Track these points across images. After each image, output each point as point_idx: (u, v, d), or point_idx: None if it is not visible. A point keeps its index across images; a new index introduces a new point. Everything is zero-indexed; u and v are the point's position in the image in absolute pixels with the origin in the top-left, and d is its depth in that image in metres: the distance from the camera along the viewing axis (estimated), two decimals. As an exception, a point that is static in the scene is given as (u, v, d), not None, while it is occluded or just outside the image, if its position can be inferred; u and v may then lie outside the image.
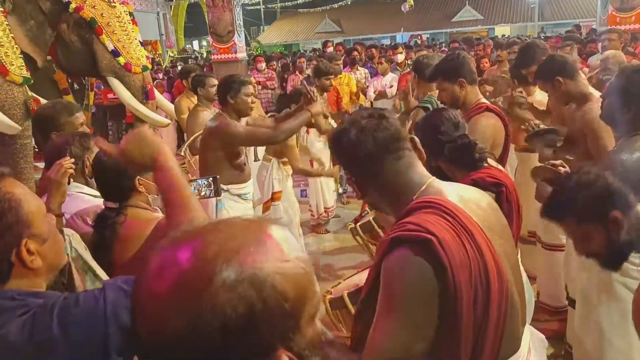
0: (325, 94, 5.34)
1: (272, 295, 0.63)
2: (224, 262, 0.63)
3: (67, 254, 1.59)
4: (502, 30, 27.22)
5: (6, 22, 3.81)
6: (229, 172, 3.42)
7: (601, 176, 1.72)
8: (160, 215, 2.10)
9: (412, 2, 22.63)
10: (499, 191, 1.96)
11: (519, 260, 1.62)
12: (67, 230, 1.68)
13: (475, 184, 1.88)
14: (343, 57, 7.66)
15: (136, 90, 4.38)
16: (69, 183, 1.94)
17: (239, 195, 3.55)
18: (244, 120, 3.66)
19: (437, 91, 2.99)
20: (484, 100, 2.80)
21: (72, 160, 1.97)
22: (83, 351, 1.05)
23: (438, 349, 1.22)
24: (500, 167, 2.17)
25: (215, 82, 4.69)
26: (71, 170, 1.94)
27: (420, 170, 1.40)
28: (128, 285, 1.11)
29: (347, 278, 2.12)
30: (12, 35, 3.83)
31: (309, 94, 3.45)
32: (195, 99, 5.03)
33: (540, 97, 3.85)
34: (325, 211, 5.56)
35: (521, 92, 3.59)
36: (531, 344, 1.50)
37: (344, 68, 7.06)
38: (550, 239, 3.44)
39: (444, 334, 1.21)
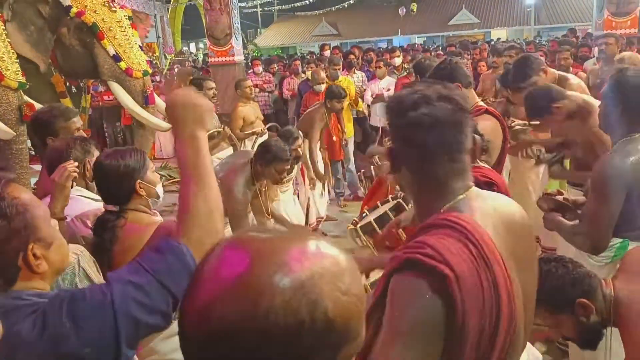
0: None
1: (322, 320, 0.63)
2: (288, 272, 0.63)
3: (75, 274, 1.60)
4: (498, 34, 27.33)
5: (2, 27, 3.82)
6: None
7: (561, 264, 1.78)
8: (159, 219, 2.11)
9: (415, 8, 22.67)
10: (491, 190, 1.97)
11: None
12: (75, 248, 1.66)
13: None
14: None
15: (137, 95, 4.40)
16: (72, 187, 1.95)
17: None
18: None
19: None
20: (481, 103, 2.83)
21: (76, 164, 1.98)
22: (95, 343, 1.07)
23: None
24: (488, 166, 2.22)
25: (213, 84, 4.72)
26: (75, 174, 1.95)
27: (466, 179, 1.29)
28: (136, 277, 1.12)
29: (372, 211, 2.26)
30: (8, 40, 3.84)
31: None
32: None
33: None
34: (316, 222, 5.47)
35: (514, 121, 3.65)
36: None
37: (341, 71, 7.07)
38: (549, 242, 3.46)
39: None
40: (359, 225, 2.11)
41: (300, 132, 4.56)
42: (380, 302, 1.21)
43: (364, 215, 2.33)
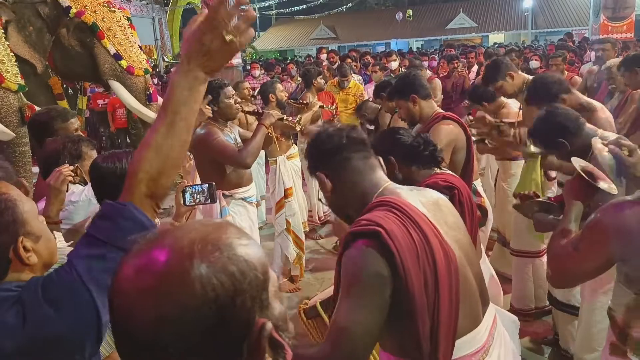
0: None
1: (247, 268, 0.70)
2: (202, 247, 0.69)
3: None
4: (496, 38, 27.43)
5: (1, 31, 3.84)
6: (228, 177, 3.43)
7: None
8: (156, 220, 2.11)
9: (411, 14, 22.81)
10: (452, 194, 2.09)
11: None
12: None
13: (429, 188, 1.99)
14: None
15: (139, 93, 4.40)
16: (67, 190, 1.95)
17: (243, 199, 3.56)
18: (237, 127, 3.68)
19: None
20: (440, 110, 2.95)
21: (71, 167, 1.98)
22: (77, 321, 1.10)
23: (398, 331, 1.39)
24: (452, 173, 2.27)
25: (247, 85, 4.72)
26: (70, 178, 1.95)
27: (379, 174, 1.59)
28: (94, 250, 1.11)
29: (324, 290, 2.16)
30: (7, 43, 3.85)
31: (258, 112, 3.60)
32: None
33: (512, 106, 3.89)
34: (319, 217, 5.59)
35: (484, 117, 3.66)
36: (500, 322, 1.65)
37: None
38: (517, 245, 3.51)
39: (401, 317, 1.36)
40: (302, 310, 2.05)
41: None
42: (339, 287, 1.41)
43: (312, 297, 2.25)
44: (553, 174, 3.40)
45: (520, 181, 3.12)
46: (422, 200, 1.54)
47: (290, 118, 3.61)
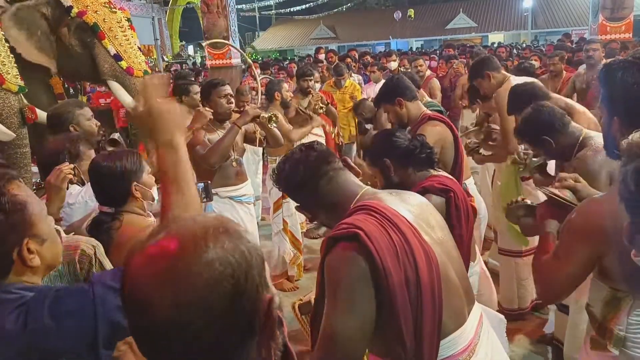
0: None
1: (252, 248, 0.76)
2: (214, 230, 0.75)
3: (93, 265, 1.63)
4: (496, 38, 27.43)
5: (1, 32, 3.85)
6: (216, 175, 3.45)
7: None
8: (154, 220, 2.13)
9: (412, 14, 22.81)
10: (448, 197, 2.10)
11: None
12: (92, 241, 1.69)
13: (425, 190, 2.06)
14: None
15: (137, 94, 4.41)
16: (67, 188, 1.97)
17: (230, 198, 3.56)
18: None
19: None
20: (427, 111, 2.96)
21: (71, 166, 2.00)
22: (74, 340, 1.12)
23: (383, 332, 1.39)
24: (447, 175, 2.28)
25: (198, 89, 4.72)
26: (70, 176, 1.97)
27: (353, 183, 1.64)
28: (118, 283, 1.14)
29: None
30: (7, 45, 3.87)
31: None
32: None
33: None
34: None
35: (489, 126, 3.68)
36: (487, 321, 1.67)
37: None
38: (502, 243, 3.54)
39: (385, 317, 1.37)
40: (297, 305, 2.08)
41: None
42: (322, 286, 1.44)
43: (305, 294, 2.28)
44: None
45: (504, 186, 3.13)
46: (402, 204, 1.57)
47: (263, 113, 3.48)
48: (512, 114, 3.01)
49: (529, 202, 2.15)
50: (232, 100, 3.52)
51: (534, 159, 2.88)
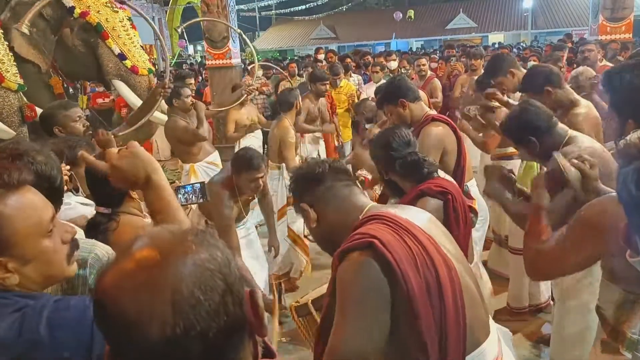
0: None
1: (223, 245, 0.77)
2: (191, 234, 0.75)
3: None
4: (496, 38, 27.41)
5: (0, 30, 3.85)
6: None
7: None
8: (146, 220, 2.11)
9: (413, 15, 22.79)
10: (446, 199, 2.08)
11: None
12: (105, 247, 1.64)
13: (422, 193, 2.06)
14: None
15: (143, 92, 4.43)
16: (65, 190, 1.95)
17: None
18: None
19: None
20: (430, 112, 2.96)
21: (68, 167, 1.98)
22: (67, 354, 1.09)
23: (404, 344, 1.31)
24: (449, 177, 2.30)
25: (189, 92, 4.70)
26: (67, 177, 1.96)
27: (362, 198, 1.60)
28: None
29: (315, 289, 2.16)
30: (7, 43, 3.87)
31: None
32: None
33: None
34: None
35: (494, 93, 3.63)
36: (501, 333, 1.61)
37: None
38: (515, 242, 3.51)
39: (406, 329, 1.29)
40: (294, 307, 2.05)
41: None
42: (332, 298, 1.35)
43: (301, 297, 2.25)
44: None
45: (520, 180, 3.13)
46: (404, 212, 1.53)
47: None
48: (524, 93, 3.04)
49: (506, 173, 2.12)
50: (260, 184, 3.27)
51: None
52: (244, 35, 7.43)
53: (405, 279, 1.27)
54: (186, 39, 18.02)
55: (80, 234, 1.52)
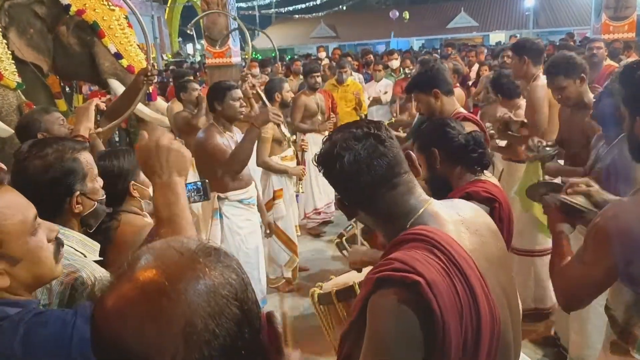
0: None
1: (239, 265, 0.71)
2: (201, 252, 0.68)
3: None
4: (497, 37, 27.40)
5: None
6: (225, 178, 3.38)
7: None
8: (152, 220, 2.09)
9: (407, 16, 22.80)
10: (492, 207, 1.93)
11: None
12: (95, 270, 1.61)
13: (469, 196, 1.87)
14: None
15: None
16: None
17: (240, 201, 3.50)
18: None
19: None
20: (461, 109, 2.81)
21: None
22: None
23: None
24: (496, 181, 2.13)
25: (197, 87, 4.70)
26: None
27: (417, 194, 1.30)
28: None
29: (340, 276, 2.12)
30: (5, 42, 3.85)
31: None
32: None
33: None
34: (314, 212, 5.53)
35: (510, 115, 3.64)
36: None
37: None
38: (520, 244, 3.49)
39: None
40: (344, 238, 2.03)
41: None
42: (354, 327, 1.19)
43: (348, 228, 2.22)
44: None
45: (522, 183, 3.10)
46: (464, 225, 1.29)
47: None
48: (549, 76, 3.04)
49: (552, 180, 2.07)
50: (245, 104, 3.48)
51: (547, 149, 2.85)
52: (244, 28, 7.36)
53: (444, 332, 1.08)
54: (195, 39, 18.00)
55: (67, 251, 1.45)
